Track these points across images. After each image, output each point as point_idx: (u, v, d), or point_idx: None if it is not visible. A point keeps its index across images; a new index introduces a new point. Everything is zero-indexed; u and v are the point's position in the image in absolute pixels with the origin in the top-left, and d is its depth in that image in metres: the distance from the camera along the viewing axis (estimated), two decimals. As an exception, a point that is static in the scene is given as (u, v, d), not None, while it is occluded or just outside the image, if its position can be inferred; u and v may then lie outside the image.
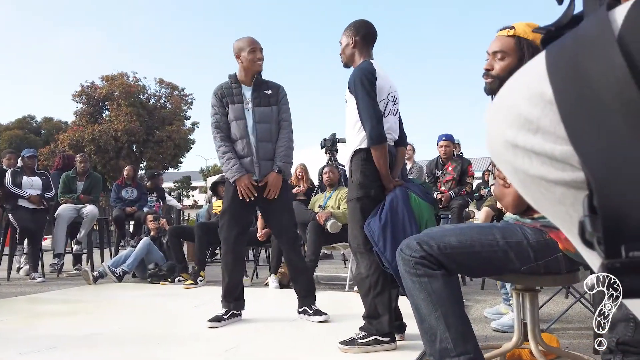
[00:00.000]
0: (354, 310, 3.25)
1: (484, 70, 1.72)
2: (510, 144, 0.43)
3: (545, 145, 0.40)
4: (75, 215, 5.58)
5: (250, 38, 3.01)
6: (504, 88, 0.45)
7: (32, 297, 4.13)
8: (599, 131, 0.36)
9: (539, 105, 0.40)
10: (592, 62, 0.37)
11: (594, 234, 0.36)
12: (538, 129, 0.40)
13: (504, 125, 0.43)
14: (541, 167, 0.41)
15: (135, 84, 22.47)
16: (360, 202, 2.35)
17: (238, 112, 2.97)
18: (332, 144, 5.61)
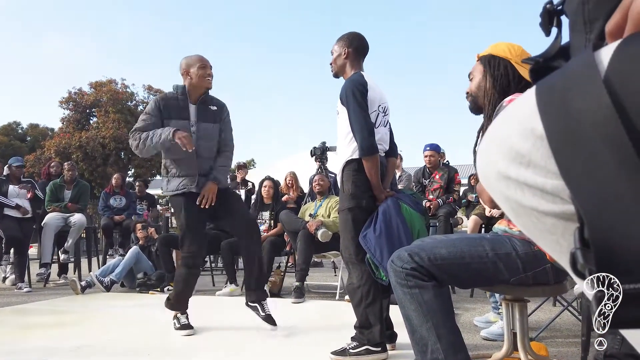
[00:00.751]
0: (345, 320, 3.26)
1: (465, 94, 1.86)
2: (502, 175, 0.45)
3: (537, 179, 0.42)
4: (63, 224, 5.53)
5: (200, 55, 3.00)
6: (497, 121, 0.48)
7: (18, 308, 4.07)
8: (588, 166, 0.38)
9: (530, 139, 0.42)
10: (581, 101, 0.39)
11: (585, 266, 0.38)
12: (529, 163, 0.42)
13: (496, 157, 0.45)
14: (532, 198, 0.43)
15: (123, 90, 22.32)
16: (352, 213, 2.37)
17: (183, 128, 2.88)
18: (322, 152, 5.64)
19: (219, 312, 3.82)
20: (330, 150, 5.70)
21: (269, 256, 4.51)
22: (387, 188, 2.53)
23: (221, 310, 3.90)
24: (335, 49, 2.60)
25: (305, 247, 4.19)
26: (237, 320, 3.49)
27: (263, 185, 5.01)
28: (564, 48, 0.56)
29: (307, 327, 3.26)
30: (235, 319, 3.54)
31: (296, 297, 4.04)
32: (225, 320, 3.50)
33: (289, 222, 4.44)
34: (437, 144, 5.03)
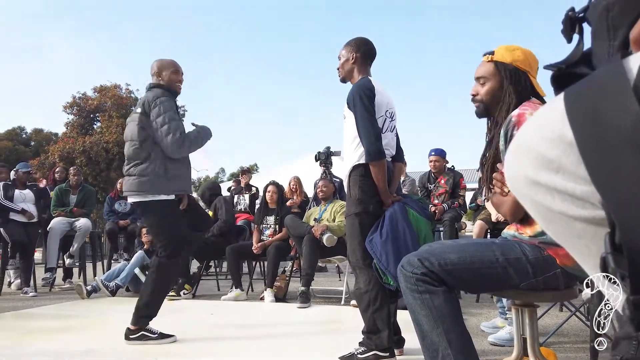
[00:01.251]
0: (351, 324, 3.26)
1: (471, 95, 1.80)
2: (531, 180, 0.45)
3: (567, 184, 0.42)
4: (68, 228, 5.54)
5: (174, 60, 3.05)
6: (524, 127, 0.48)
7: (24, 312, 4.08)
8: (618, 172, 0.39)
9: (559, 146, 0.43)
10: (610, 109, 0.40)
11: (617, 270, 0.38)
12: (559, 169, 0.43)
13: (525, 163, 0.46)
14: (562, 203, 0.43)
15: (127, 95, 22.41)
16: (359, 218, 2.37)
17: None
18: (327, 157, 5.64)
19: (224, 317, 3.82)
20: (335, 155, 5.71)
21: (274, 261, 4.51)
22: (394, 193, 2.54)
23: (226, 315, 3.90)
24: (342, 53, 2.61)
25: (311, 251, 4.19)
26: (242, 325, 3.49)
27: (267, 190, 5.01)
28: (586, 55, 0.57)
29: (313, 332, 3.26)
30: (240, 324, 3.55)
31: (302, 302, 4.04)
32: (230, 325, 3.50)
33: (294, 226, 4.44)
34: (442, 148, 5.03)
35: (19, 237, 5.08)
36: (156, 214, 2.91)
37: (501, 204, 1.67)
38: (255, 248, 4.69)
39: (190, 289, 4.78)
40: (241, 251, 4.82)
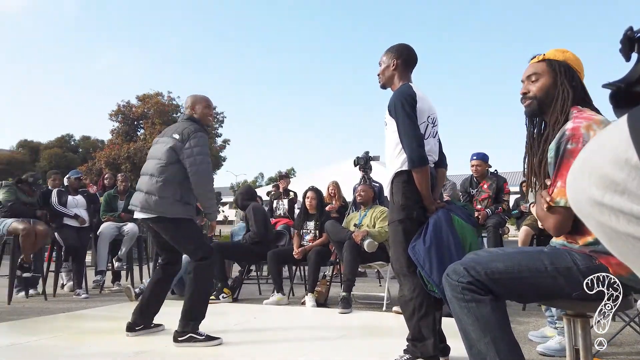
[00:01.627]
0: (394, 331, 3.25)
1: (520, 95, 1.76)
2: (595, 202, 0.46)
3: (632, 207, 0.43)
4: (117, 233, 5.76)
5: (206, 96, 3.36)
6: (587, 149, 0.49)
7: (77, 314, 4.26)
8: None
9: (624, 169, 0.43)
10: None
11: None
12: (624, 191, 0.43)
13: (589, 184, 0.47)
14: (628, 225, 0.44)
15: (169, 102, 23.09)
16: (403, 224, 2.37)
17: None
18: (366, 161, 5.64)
19: (267, 321, 3.88)
20: (374, 160, 5.71)
21: (315, 266, 4.54)
22: (437, 199, 2.52)
23: (269, 319, 3.96)
24: (383, 60, 2.61)
25: (352, 257, 4.19)
26: (285, 329, 3.53)
27: (306, 196, 5.05)
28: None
29: (356, 338, 3.26)
30: (283, 328, 3.59)
31: (343, 308, 4.05)
32: (273, 329, 3.55)
33: (334, 232, 4.46)
34: (484, 152, 4.94)
35: (72, 241, 5.32)
36: (178, 227, 3.09)
37: (546, 218, 1.63)
38: (296, 253, 4.74)
39: (229, 293, 4.86)
40: (282, 256, 4.88)
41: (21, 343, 3.09)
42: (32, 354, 2.83)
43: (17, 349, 2.96)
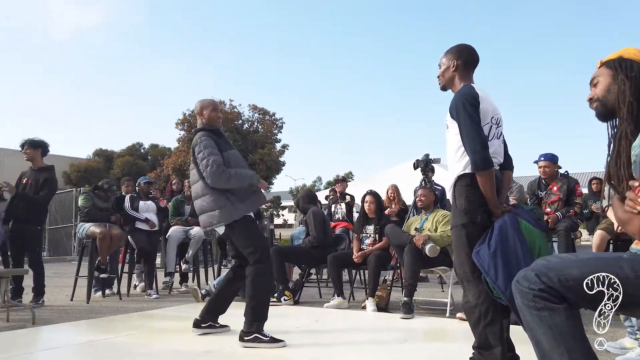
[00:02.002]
0: (458, 338, 3.16)
1: (587, 101, 1.73)
2: None
3: None
4: (184, 236, 6.02)
5: (213, 100, 3.55)
6: None
7: (149, 313, 4.49)
8: None
9: None
10: None
11: None
12: None
13: None
14: None
15: (231, 110, 23.84)
16: (466, 229, 2.31)
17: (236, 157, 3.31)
18: (426, 164, 5.54)
19: (329, 324, 3.90)
20: (434, 163, 5.59)
21: (375, 270, 4.51)
22: (503, 203, 2.43)
23: (330, 322, 3.98)
24: (443, 61, 2.56)
25: (413, 261, 4.13)
26: (347, 333, 3.54)
27: (365, 200, 5.03)
28: None
29: (418, 344, 3.22)
30: (345, 332, 3.60)
31: (405, 313, 3.99)
32: (335, 332, 3.57)
33: (394, 236, 4.41)
34: (553, 153, 4.70)
35: (143, 244, 5.62)
36: (240, 231, 3.19)
37: (630, 222, 1.52)
38: (356, 257, 4.73)
39: (290, 295, 4.91)
40: (342, 260, 4.89)
41: (99, 340, 3.30)
42: (109, 352, 3.01)
43: (95, 346, 3.16)
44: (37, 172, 4.95)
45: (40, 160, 5.01)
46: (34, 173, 4.95)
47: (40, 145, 5.01)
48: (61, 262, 12.67)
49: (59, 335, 3.59)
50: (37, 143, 4.99)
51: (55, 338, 3.52)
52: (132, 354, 2.93)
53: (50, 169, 5.05)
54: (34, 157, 4.98)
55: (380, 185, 7.45)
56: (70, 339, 3.48)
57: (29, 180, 4.91)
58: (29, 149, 4.95)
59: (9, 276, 4.07)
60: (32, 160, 4.99)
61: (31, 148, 4.95)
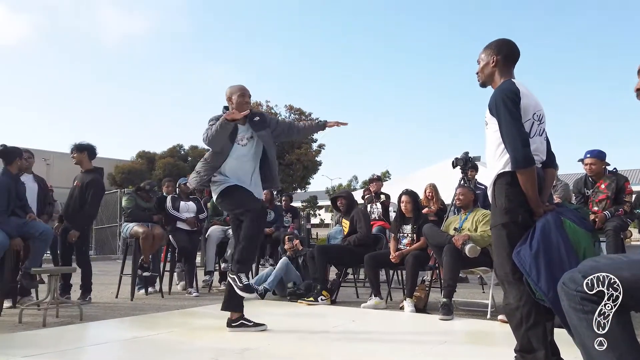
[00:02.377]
0: (500, 341, 3.08)
1: (635, 91, 1.67)
2: None
3: None
4: (223, 235, 6.12)
5: (241, 85, 3.59)
6: None
7: (189, 311, 4.59)
8: None
9: None
10: None
11: None
12: None
13: None
14: None
15: (268, 111, 24.09)
16: (507, 229, 2.24)
17: None
18: (465, 163, 5.42)
19: (366, 324, 3.87)
20: (474, 160, 5.47)
21: (413, 270, 4.45)
22: (545, 202, 2.35)
23: (367, 322, 3.95)
24: (482, 57, 2.50)
25: (452, 262, 4.05)
26: (384, 333, 3.51)
27: (401, 200, 4.97)
28: None
29: (459, 346, 3.15)
30: (382, 332, 3.57)
31: (444, 314, 3.91)
32: (373, 333, 3.54)
33: (433, 235, 4.34)
34: (600, 150, 4.51)
35: (184, 244, 5.75)
36: None
37: None
38: (393, 257, 4.68)
39: (328, 295, 4.91)
40: (379, 260, 4.84)
41: (142, 337, 3.40)
42: (151, 348, 3.10)
43: (139, 342, 3.26)
44: (85, 174, 5.17)
45: (88, 163, 5.21)
46: (82, 175, 5.17)
47: (87, 148, 5.20)
48: (107, 261, 13.14)
49: (104, 331, 3.73)
50: (83, 146, 5.19)
51: (102, 334, 3.66)
52: (174, 351, 3.01)
53: (96, 170, 5.25)
54: (82, 160, 5.19)
55: (417, 185, 7.34)
56: (115, 335, 3.60)
57: (78, 183, 5.14)
58: (76, 152, 5.17)
59: (59, 274, 4.24)
60: (80, 163, 5.21)
61: (78, 152, 5.16)
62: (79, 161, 5.20)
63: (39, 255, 4.45)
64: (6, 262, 4.23)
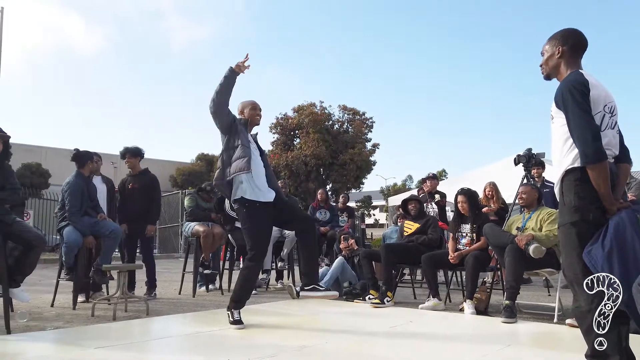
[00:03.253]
0: (568, 346, 2.93)
1: None
2: None
3: None
4: (279, 235, 6.22)
5: (253, 100, 3.83)
6: None
7: (248, 308, 4.62)
8: None
9: None
10: None
11: None
12: None
13: None
14: None
15: (322, 112, 24.22)
16: (576, 227, 2.12)
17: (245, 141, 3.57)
18: (528, 160, 5.20)
19: (424, 325, 3.80)
20: (538, 157, 5.24)
21: (473, 271, 4.32)
22: (619, 199, 2.20)
23: (426, 324, 3.88)
24: (546, 49, 2.39)
25: (515, 262, 3.89)
26: (444, 336, 3.43)
27: (457, 200, 4.83)
28: None
29: (523, 350, 3.03)
30: (441, 334, 3.49)
31: (507, 317, 3.77)
32: (431, 334, 3.47)
33: (494, 235, 4.19)
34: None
35: (243, 242, 5.88)
36: None
37: None
38: (452, 257, 4.56)
39: (391, 295, 4.84)
40: (437, 260, 4.73)
41: (203, 332, 3.53)
42: (212, 343, 3.20)
43: (200, 337, 3.38)
44: (139, 176, 5.45)
45: (139, 166, 5.52)
46: (136, 178, 5.44)
47: (140, 153, 5.50)
48: (170, 259, 13.72)
49: (168, 326, 3.89)
50: (137, 152, 5.47)
51: (166, 328, 3.82)
52: (234, 346, 3.08)
53: (148, 171, 5.57)
54: (135, 164, 5.47)
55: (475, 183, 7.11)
56: (178, 330, 3.75)
57: (134, 185, 5.40)
58: (132, 157, 5.44)
59: (126, 270, 4.47)
60: (133, 167, 5.50)
61: (133, 156, 5.45)
62: (132, 165, 5.47)
63: (109, 253, 4.72)
64: (79, 259, 4.51)
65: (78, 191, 4.57)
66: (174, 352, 3.05)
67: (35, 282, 6.40)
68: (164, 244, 16.99)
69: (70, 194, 4.53)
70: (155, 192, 5.46)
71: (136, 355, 2.88)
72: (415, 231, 5.15)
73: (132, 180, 5.45)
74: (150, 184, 5.43)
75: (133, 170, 5.49)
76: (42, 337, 3.31)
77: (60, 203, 4.69)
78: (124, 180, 5.55)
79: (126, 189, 5.44)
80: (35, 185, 18.64)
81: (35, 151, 26.68)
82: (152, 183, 5.45)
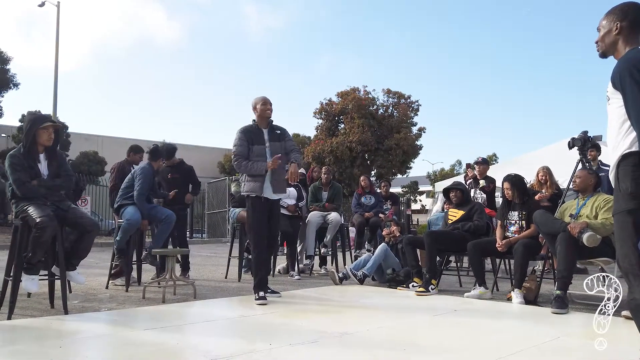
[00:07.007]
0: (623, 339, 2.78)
1: None
2: None
3: None
4: (322, 221, 6.24)
5: (264, 96, 4.24)
6: None
7: (291, 294, 4.74)
8: None
9: None
10: None
11: None
12: None
13: None
14: None
15: (365, 97, 23.97)
16: (632, 215, 1.99)
17: (260, 151, 4.10)
18: (584, 143, 4.91)
19: (469, 315, 3.71)
20: (595, 140, 4.95)
21: (522, 260, 4.17)
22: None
23: (471, 313, 3.79)
24: (603, 24, 2.23)
25: (567, 251, 3.71)
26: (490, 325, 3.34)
27: (503, 187, 4.64)
28: None
29: (574, 341, 2.91)
30: (486, 324, 3.40)
31: (557, 307, 3.62)
32: (477, 323, 3.39)
33: (545, 223, 4.02)
34: None
35: (285, 228, 5.95)
36: None
37: None
38: (500, 245, 4.41)
39: (420, 281, 4.75)
40: (484, 247, 4.60)
41: (248, 316, 3.60)
42: (256, 326, 3.27)
43: (245, 321, 3.46)
44: (177, 167, 5.77)
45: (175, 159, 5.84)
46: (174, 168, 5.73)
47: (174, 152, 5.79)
48: (218, 244, 14.10)
49: (214, 309, 4.01)
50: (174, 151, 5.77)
51: (212, 311, 3.93)
52: (277, 330, 3.13)
53: (183, 162, 5.92)
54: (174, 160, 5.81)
55: (526, 168, 6.83)
56: (224, 313, 3.86)
57: (174, 175, 5.70)
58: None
59: (176, 255, 4.63)
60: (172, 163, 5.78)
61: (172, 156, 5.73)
62: (172, 162, 5.75)
63: (162, 237, 4.92)
64: (131, 243, 4.71)
65: (149, 178, 4.92)
66: (218, 335, 3.12)
67: (92, 265, 6.75)
68: (212, 229, 17.47)
69: (142, 177, 4.86)
70: (194, 177, 5.91)
71: (182, 337, 2.98)
72: (460, 218, 5.00)
73: (171, 171, 5.72)
74: (188, 173, 5.84)
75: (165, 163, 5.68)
76: (96, 318, 3.50)
77: (127, 183, 4.94)
78: (162, 171, 5.75)
79: (167, 179, 5.69)
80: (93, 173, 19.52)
81: (92, 140, 27.93)
82: (192, 171, 5.90)
